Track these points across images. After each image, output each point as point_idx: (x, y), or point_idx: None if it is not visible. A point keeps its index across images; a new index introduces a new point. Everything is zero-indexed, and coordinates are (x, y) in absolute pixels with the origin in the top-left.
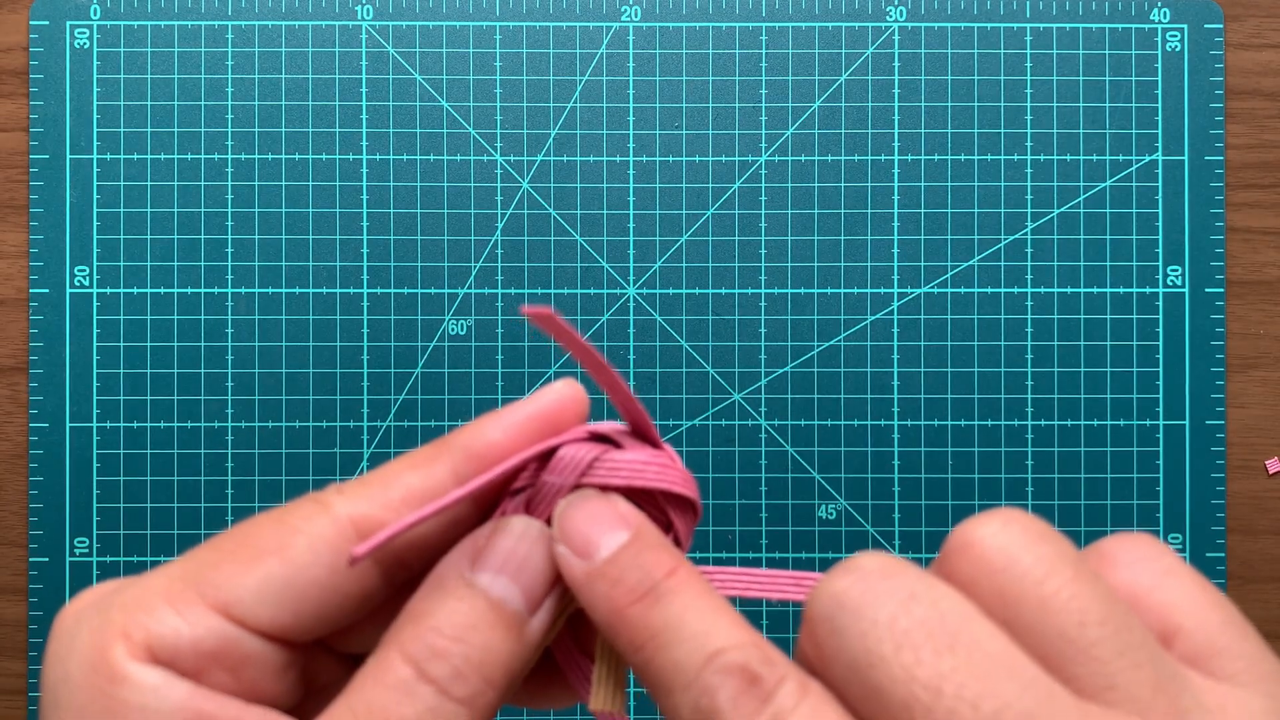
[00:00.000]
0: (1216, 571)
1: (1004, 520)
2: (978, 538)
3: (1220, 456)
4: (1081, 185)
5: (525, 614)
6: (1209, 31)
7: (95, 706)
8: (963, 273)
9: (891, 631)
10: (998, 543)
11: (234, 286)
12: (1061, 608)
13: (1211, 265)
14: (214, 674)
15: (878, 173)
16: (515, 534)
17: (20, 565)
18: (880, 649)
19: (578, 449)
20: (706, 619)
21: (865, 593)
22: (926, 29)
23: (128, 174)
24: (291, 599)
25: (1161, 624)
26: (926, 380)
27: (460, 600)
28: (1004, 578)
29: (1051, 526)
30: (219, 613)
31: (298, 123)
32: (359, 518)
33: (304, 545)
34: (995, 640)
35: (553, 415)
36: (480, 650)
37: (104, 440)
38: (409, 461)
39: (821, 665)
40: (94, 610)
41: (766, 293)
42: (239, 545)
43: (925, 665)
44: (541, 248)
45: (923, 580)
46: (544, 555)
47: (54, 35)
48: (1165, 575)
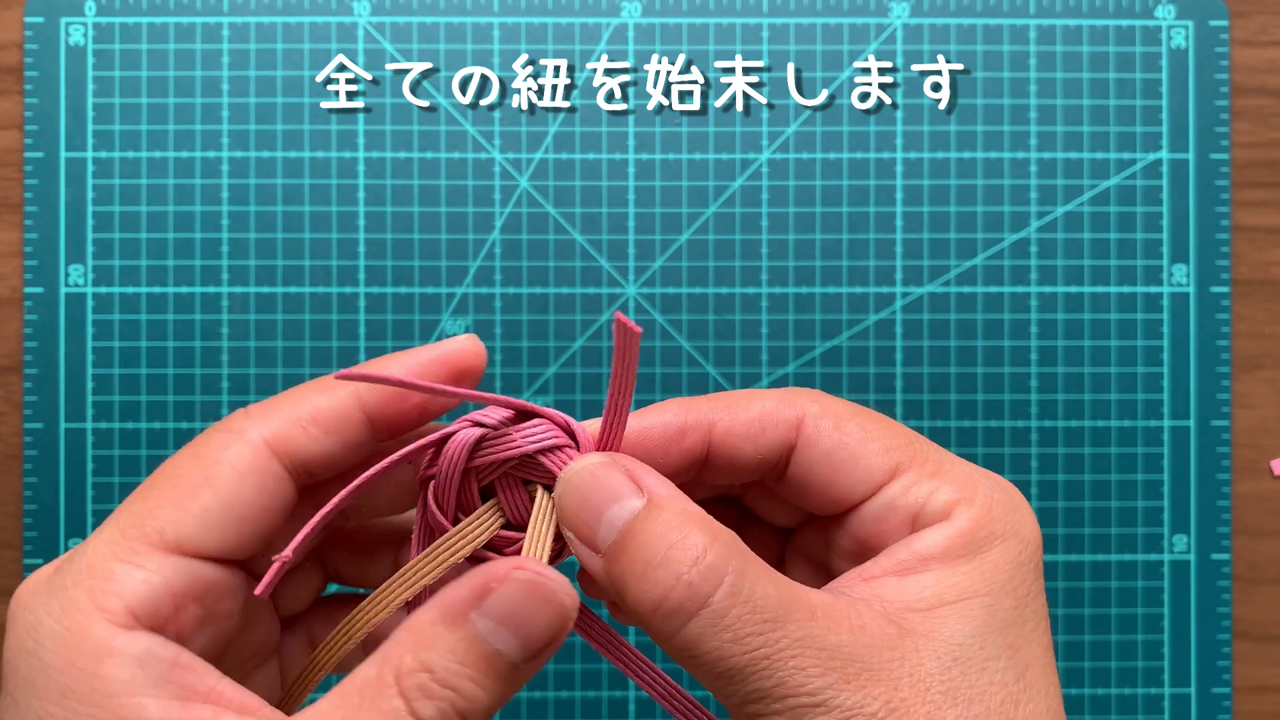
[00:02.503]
0: (1222, 573)
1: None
2: None
3: (1226, 458)
4: (1086, 184)
5: (520, 665)
6: (1214, 29)
7: (80, 687)
8: (966, 272)
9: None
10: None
11: (229, 285)
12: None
13: (1217, 264)
14: (188, 608)
15: (880, 170)
16: (526, 589)
17: (14, 567)
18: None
19: (463, 433)
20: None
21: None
22: (929, 25)
23: (122, 172)
24: (232, 521)
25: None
26: (930, 381)
27: (459, 642)
28: None
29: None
30: (174, 552)
31: (293, 120)
32: (271, 438)
33: (228, 473)
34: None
35: (453, 361)
36: (469, 697)
37: (99, 441)
38: (315, 385)
39: None
40: (47, 595)
41: (768, 292)
42: (167, 487)
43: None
44: (540, 247)
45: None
46: (551, 614)
47: (48, 32)
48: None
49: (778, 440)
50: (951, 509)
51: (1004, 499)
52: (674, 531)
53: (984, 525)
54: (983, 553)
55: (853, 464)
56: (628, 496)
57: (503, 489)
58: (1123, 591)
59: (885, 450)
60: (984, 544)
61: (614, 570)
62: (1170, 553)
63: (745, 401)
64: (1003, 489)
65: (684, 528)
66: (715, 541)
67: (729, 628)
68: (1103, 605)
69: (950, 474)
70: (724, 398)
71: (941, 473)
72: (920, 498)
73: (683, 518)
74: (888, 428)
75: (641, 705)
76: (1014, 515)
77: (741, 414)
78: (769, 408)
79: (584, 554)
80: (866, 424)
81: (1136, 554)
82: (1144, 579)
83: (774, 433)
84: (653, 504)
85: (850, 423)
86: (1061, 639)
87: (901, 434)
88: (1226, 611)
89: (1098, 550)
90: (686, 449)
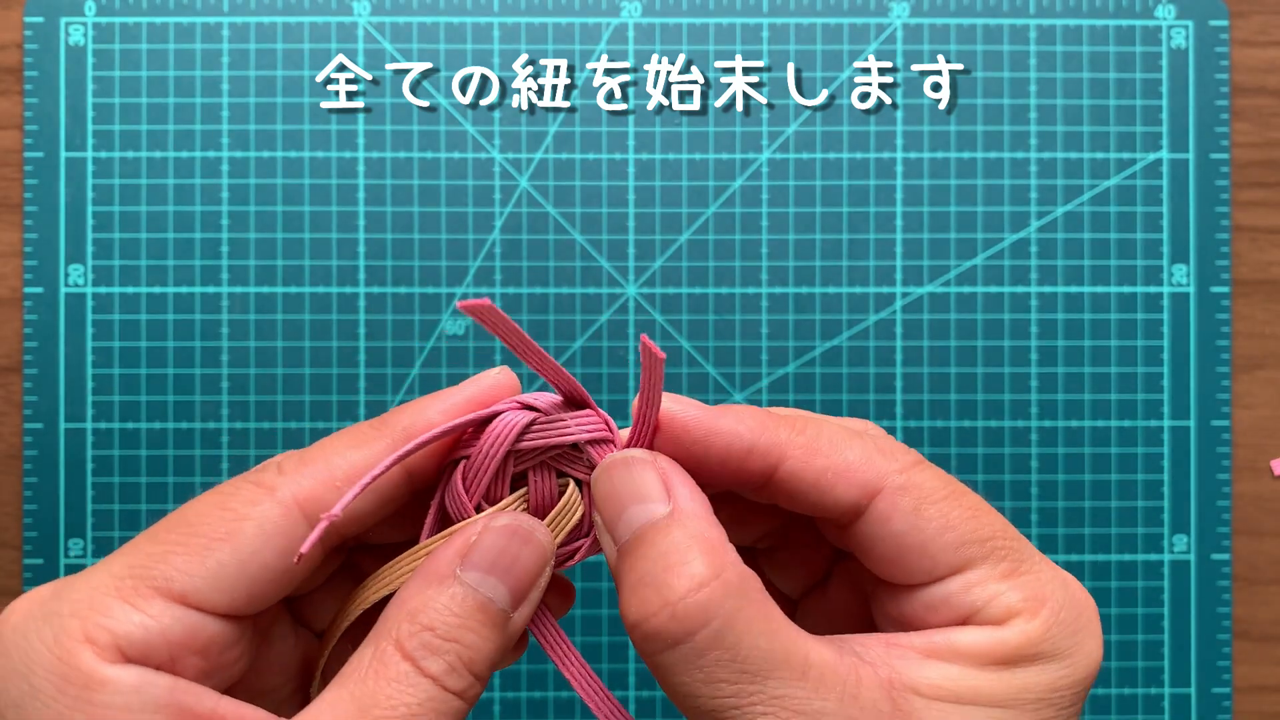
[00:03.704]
0: (1222, 573)
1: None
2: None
3: (1226, 458)
4: (1086, 184)
5: (510, 611)
6: (1214, 28)
7: (74, 714)
8: (966, 272)
9: None
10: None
11: (229, 285)
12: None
13: (1217, 264)
14: (187, 659)
15: (880, 170)
16: (505, 533)
17: (14, 568)
18: None
19: (513, 415)
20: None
21: None
22: (929, 25)
23: (122, 172)
24: (245, 583)
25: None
26: (930, 381)
27: (452, 599)
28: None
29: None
30: (179, 603)
31: (293, 120)
32: (303, 497)
33: (252, 531)
34: None
35: (489, 399)
36: (472, 647)
37: (98, 441)
38: (350, 439)
39: None
40: (41, 620)
41: (768, 292)
42: (186, 535)
43: None
44: (540, 247)
45: None
46: (532, 554)
47: (48, 32)
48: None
49: (846, 502)
50: (1009, 618)
51: (1071, 617)
52: (679, 553)
53: (1035, 643)
54: (1020, 667)
55: (919, 553)
56: (653, 500)
57: (535, 477)
58: (1123, 591)
59: (959, 545)
60: (1026, 660)
61: (619, 568)
62: (1170, 553)
63: (828, 444)
64: (1074, 605)
65: (690, 552)
66: (716, 578)
67: (703, 669)
68: (1103, 605)
69: (1023, 580)
70: (806, 427)
71: (1014, 575)
72: (980, 600)
73: (694, 541)
74: (971, 519)
75: (641, 705)
76: (1073, 637)
77: (817, 460)
78: (850, 462)
79: (604, 540)
80: (949, 512)
81: (1136, 554)
82: (1144, 579)
83: (845, 492)
84: (673, 517)
85: (932, 509)
86: None
87: (984, 527)
88: (1226, 612)
89: (1098, 550)
90: (746, 469)
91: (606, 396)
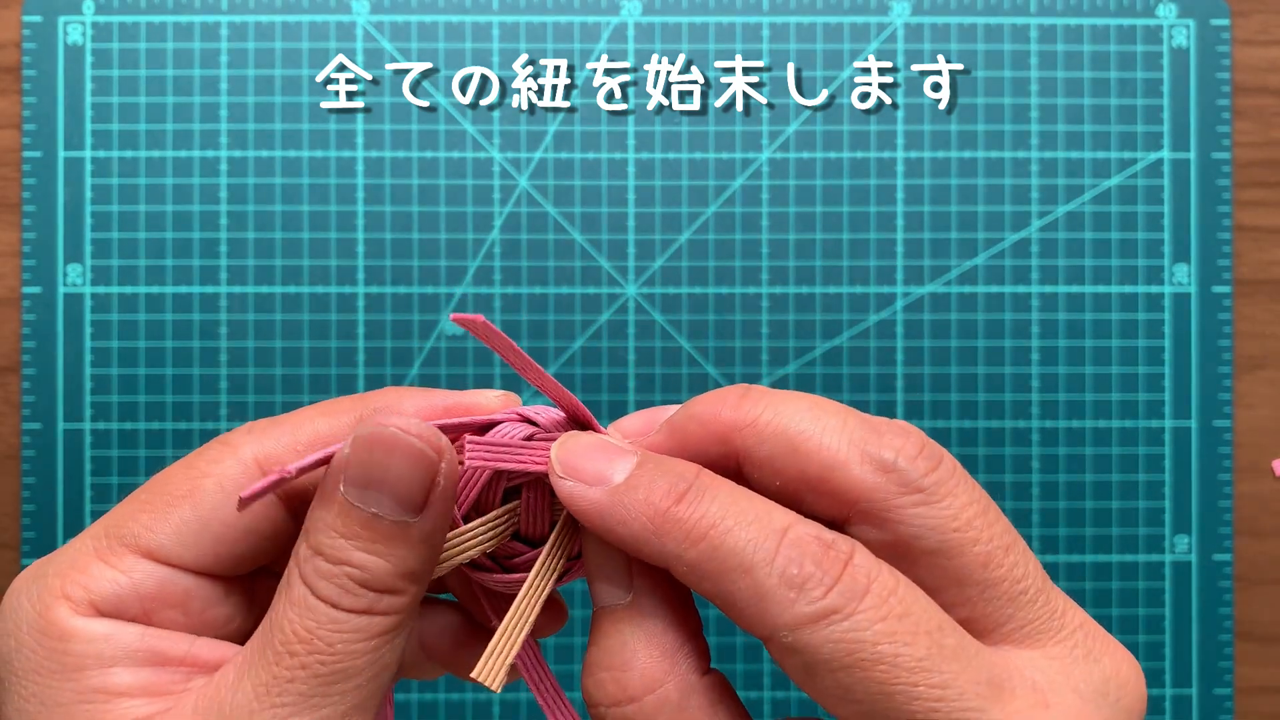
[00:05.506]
0: (1224, 574)
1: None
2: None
3: (1227, 458)
4: (1087, 183)
5: (406, 519)
6: (1215, 28)
7: (51, 665)
8: (967, 272)
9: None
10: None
11: (228, 285)
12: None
13: (1219, 264)
14: (164, 613)
15: (881, 170)
16: (363, 445)
17: (13, 568)
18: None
19: (510, 428)
20: (756, 503)
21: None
22: (930, 24)
23: (121, 171)
24: (209, 539)
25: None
26: (930, 381)
27: (336, 517)
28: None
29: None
30: (147, 558)
31: (292, 119)
32: (264, 457)
33: (212, 488)
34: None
35: (477, 409)
36: (363, 566)
37: (97, 441)
38: (321, 408)
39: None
40: (30, 582)
41: (769, 292)
42: (153, 494)
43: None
44: (540, 246)
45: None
46: (404, 460)
47: (47, 31)
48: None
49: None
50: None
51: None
52: (623, 654)
53: None
54: None
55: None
56: (617, 585)
57: (530, 495)
58: (1124, 592)
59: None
60: None
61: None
62: (1172, 553)
63: (719, 568)
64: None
65: (635, 657)
66: (651, 693)
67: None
68: (1104, 606)
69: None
70: (706, 536)
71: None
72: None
73: (641, 645)
74: (1005, 567)
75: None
76: None
77: (704, 584)
78: (737, 598)
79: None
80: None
81: (1138, 555)
82: (1145, 580)
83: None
84: (631, 608)
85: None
86: None
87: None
88: (1228, 612)
89: (1099, 551)
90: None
91: (606, 397)
